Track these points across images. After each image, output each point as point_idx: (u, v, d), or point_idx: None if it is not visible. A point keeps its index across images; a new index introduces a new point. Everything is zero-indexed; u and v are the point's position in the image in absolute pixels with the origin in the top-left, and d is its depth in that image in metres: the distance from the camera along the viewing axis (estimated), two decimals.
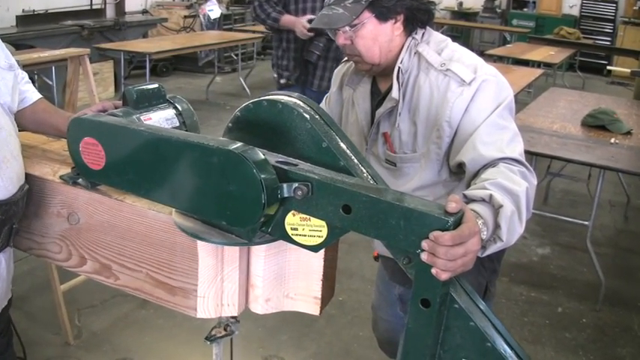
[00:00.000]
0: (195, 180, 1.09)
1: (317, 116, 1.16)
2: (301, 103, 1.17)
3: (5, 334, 1.65)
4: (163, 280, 1.32)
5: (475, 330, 1.00)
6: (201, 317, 1.28)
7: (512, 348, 1.02)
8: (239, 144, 1.04)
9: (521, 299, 3.42)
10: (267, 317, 1.35)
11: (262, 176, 1.00)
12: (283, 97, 1.17)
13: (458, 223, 0.95)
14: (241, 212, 1.04)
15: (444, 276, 0.94)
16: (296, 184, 1.02)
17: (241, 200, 1.03)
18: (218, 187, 1.05)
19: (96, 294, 3.14)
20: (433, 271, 0.94)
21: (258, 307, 1.28)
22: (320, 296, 1.26)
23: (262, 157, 1.03)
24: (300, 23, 3.50)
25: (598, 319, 3.27)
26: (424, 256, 0.94)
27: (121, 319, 3.02)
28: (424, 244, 0.93)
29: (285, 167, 1.05)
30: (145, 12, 8.96)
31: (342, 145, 1.15)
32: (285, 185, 1.03)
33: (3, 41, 1.57)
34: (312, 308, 1.27)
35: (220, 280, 1.24)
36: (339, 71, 1.85)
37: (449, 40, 1.63)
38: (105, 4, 8.10)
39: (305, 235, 1.09)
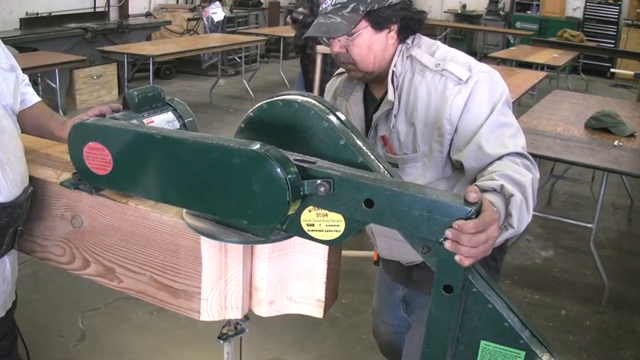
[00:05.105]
0: (215, 181, 1.08)
1: (332, 115, 1.17)
2: (316, 103, 1.17)
3: (9, 336, 1.65)
4: (167, 283, 1.32)
5: (493, 312, 1.04)
6: (204, 320, 1.28)
7: (527, 327, 1.06)
8: (259, 144, 1.04)
9: (525, 302, 3.41)
10: (271, 320, 1.34)
11: (287, 174, 1.00)
12: (298, 97, 1.18)
13: (478, 212, 0.99)
14: (264, 211, 1.04)
15: (467, 262, 0.98)
16: (318, 181, 1.03)
17: (265, 199, 1.03)
18: (240, 187, 1.05)
19: (99, 297, 3.14)
20: (457, 258, 0.98)
21: (262, 310, 1.28)
22: (323, 299, 1.26)
23: (284, 155, 1.04)
24: None
25: (601, 321, 3.27)
26: (448, 244, 0.98)
27: (124, 321, 3.03)
28: (448, 232, 0.97)
29: (305, 165, 1.06)
30: (148, 15, 8.98)
31: (359, 142, 1.16)
32: (306, 182, 1.04)
33: (6, 44, 1.58)
34: (316, 311, 1.28)
35: (224, 283, 1.24)
36: (332, 84, 1.88)
37: (439, 42, 1.68)
38: (108, 6, 8.12)
39: (322, 231, 1.09)
